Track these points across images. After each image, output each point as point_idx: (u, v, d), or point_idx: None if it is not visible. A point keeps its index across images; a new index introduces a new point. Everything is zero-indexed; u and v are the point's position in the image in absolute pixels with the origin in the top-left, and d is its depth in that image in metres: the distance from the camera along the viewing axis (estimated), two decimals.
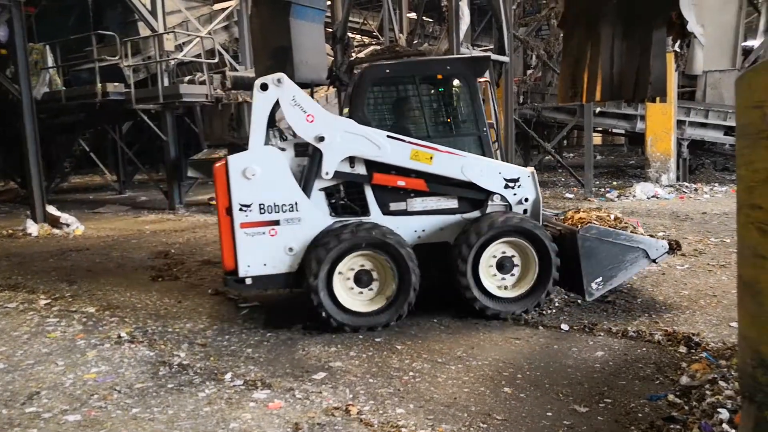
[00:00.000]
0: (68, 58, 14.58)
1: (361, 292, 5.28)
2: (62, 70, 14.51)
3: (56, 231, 11.09)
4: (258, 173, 5.12)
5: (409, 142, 5.28)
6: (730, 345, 4.40)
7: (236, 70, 15.31)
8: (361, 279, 5.25)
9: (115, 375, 4.47)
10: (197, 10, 16.83)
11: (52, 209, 11.59)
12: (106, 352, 4.97)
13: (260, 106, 5.18)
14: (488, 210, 5.51)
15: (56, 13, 16.39)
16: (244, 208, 5.13)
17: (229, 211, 5.15)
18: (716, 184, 13.91)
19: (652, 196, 12.55)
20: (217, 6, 17.40)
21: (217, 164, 5.22)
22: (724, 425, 3.13)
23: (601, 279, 5.32)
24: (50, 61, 14.22)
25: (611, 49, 6.98)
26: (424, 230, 5.49)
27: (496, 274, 5.43)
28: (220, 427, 3.60)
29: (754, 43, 18.50)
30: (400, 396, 3.95)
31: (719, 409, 3.28)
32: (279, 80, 5.16)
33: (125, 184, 18.45)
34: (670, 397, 3.71)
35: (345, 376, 4.29)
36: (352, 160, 5.33)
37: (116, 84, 13.29)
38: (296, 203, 5.21)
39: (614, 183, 15.07)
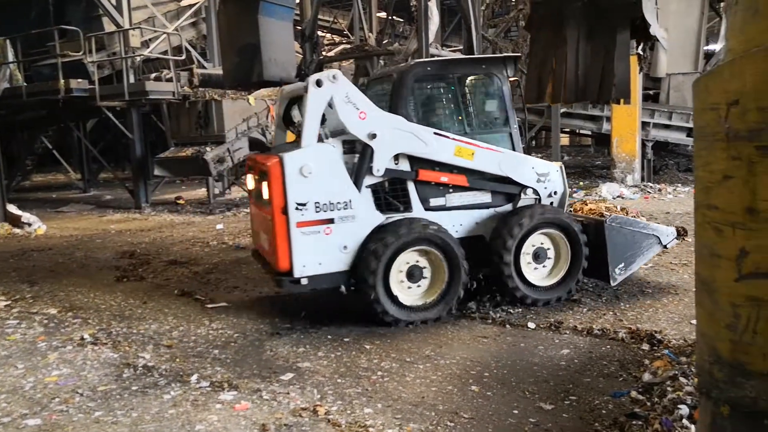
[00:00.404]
0: (29, 53, 14.20)
1: (411, 287, 5.39)
2: (23, 65, 14.13)
3: (17, 231, 10.81)
4: (314, 171, 5.08)
5: (453, 139, 5.46)
6: (690, 342, 4.51)
7: (204, 67, 15.12)
8: (413, 274, 5.38)
9: (77, 378, 4.38)
10: (164, 6, 16.55)
11: (12, 208, 11.29)
12: (68, 354, 4.86)
13: (315, 102, 5.11)
14: (519, 203, 5.80)
15: (16, 7, 15.94)
16: (300, 207, 5.07)
17: (284, 210, 5.05)
18: (679, 185, 14.23)
19: (618, 196, 12.77)
20: (185, 2, 17.14)
21: (270, 162, 5.07)
22: (684, 421, 3.21)
23: (623, 264, 5.73)
24: (11, 56, 13.82)
25: (576, 51, 7.09)
26: (461, 225, 5.70)
27: (531, 262, 5.70)
28: (186, 430, 3.55)
29: (716, 47, 19.00)
30: (368, 396, 3.95)
31: (680, 405, 3.36)
32: (334, 77, 5.17)
33: (90, 183, 18.07)
34: (633, 393, 3.79)
35: (313, 377, 4.28)
36: (396, 156, 5.42)
37: (80, 80, 12.98)
38: (350, 201, 5.23)
39: (581, 183, 15.28)
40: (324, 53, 9.91)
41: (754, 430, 1.88)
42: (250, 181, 6.05)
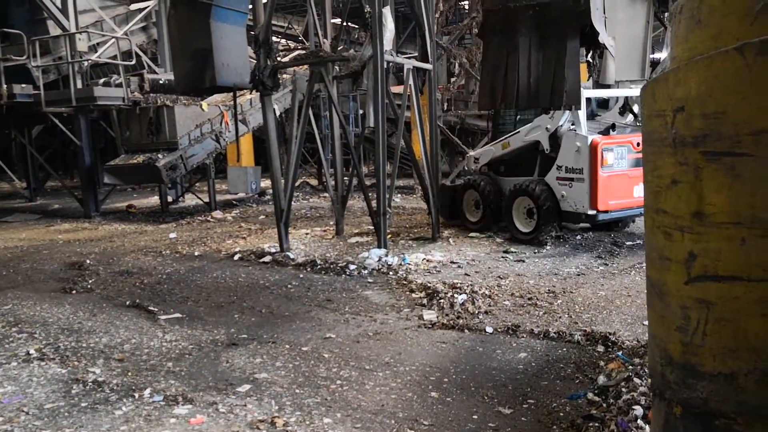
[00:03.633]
0: None
1: None
2: None
3: None
4: None
5: None
6: (643, 343, 4.62)
7: (155, 72, 14.79)
8: None
9: (23, 395, 4.19)
10: (112, 10, 16.14)
11: None
12: (12, 371, 4.65)
13: None
14: None
15: None
16: None
17: None
18: None
19: None
20: (134, 6, 16.75)
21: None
22: (639, 421, 3.28)
23: None
24: None
25: (528, 59, 7.22)
26: None
27: None
28: None
29: (661, 55, 19.63)
30: (327, 405, 3.90)
31: (634, 406, 3.43)
32: None
33: (36, 192, 17.41)
34: (590, 395, 3.85)
35: (270, 388, 4.20)
36: None
37: (24, 85, 12.55)
38: None
39: None
40: (278, 59, 9.80)
41: (705, 430, 1.93)
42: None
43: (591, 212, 8.18)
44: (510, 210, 9.00)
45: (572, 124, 8.56)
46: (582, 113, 8.36)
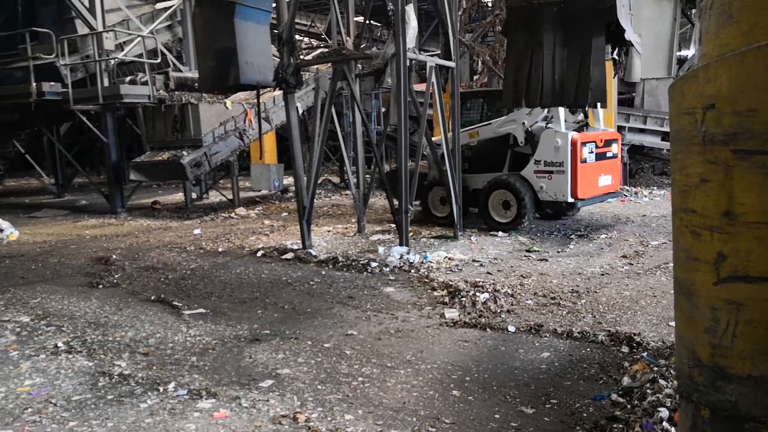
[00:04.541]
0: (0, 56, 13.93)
1: None
2: None
3: None
4: None
5: None
6: (669, 344, 4.55)
7: (180, 70, 14.96)
8: None
9: (50, 387, 4.28)
10: (138, 9, 16.33)
11: None
12: (41, 363, 4.75)
13: None
14: None
15: None
16: None
17: None
18: (655, 188, 14.43)
19: None
20: (160, 5, 16.93)
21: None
22: (665, 423, 3.23)
23: None
24: None
25: (553, 56, 7.15)
26: None
27: None
28: None
29: (688, 52, 19.32)
30: (348, 402, 3.92)
31: (660, 408, 3.38)
32: None
33: (64, 188, 17.74)
34: (614, 396, 3.81)
35: (293, 383, 4.23)
36: None
37: (52, 83, 12.77)
38: None
39: None
40: (301, 57, 9.84)
41: None
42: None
43: (571, 200, 9.30)
44: (487, 203, 9.72)
45: (547, 123, 9.36)
46: (562, 112, 9.22)
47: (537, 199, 9.47)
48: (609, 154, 9.79)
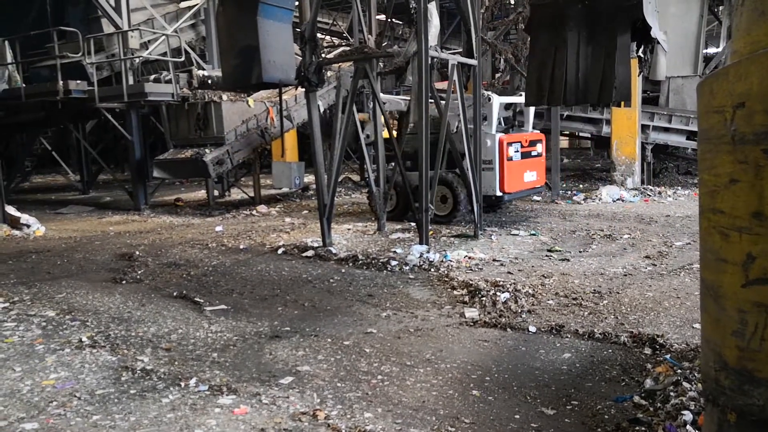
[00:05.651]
0: (28, 55, 14.17)
1: None
2: (22, 66, 14.10)
3: (16, 232, 10.76)
4: None
5: None
6: (693, 346, 4.48)
7: (203, 69, 15.09)
8: None
9: (75, 381, 4.34)
10: (163, 8, 16.53)
11: (11, 210, 11.25)
12: (66, 357, 4.82)
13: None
14: None
15: (15, 8, 15.92)
16: None
17: None
18: (679, 188, 14.22)
19: (618, 199, 12.75)
20: (184, 4, 17.11)
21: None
22: (688, 427, 3.18)
23: None
24: (9, 57, 13.80)
25: (577, 54, 7.07)
26: None
27: None
28: None
29: (715, 50, 19.00)
30: (368, 400, 3.92)
31: (683, 411, 3.33)
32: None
33: (89, 185, 18.02)
34: (636, 398, 3.76)
35: (313, 381, 4.24)
36: None
37: (79, 81, 12.96)
38: None
39: (581, 186, 15.27)
40: (323, 55, 9.86)
41: None
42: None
43: (499, 194, 10.24)
44: None
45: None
46: (495, 114, 10.17)
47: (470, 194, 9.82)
48: (534, 153, 10.88)
